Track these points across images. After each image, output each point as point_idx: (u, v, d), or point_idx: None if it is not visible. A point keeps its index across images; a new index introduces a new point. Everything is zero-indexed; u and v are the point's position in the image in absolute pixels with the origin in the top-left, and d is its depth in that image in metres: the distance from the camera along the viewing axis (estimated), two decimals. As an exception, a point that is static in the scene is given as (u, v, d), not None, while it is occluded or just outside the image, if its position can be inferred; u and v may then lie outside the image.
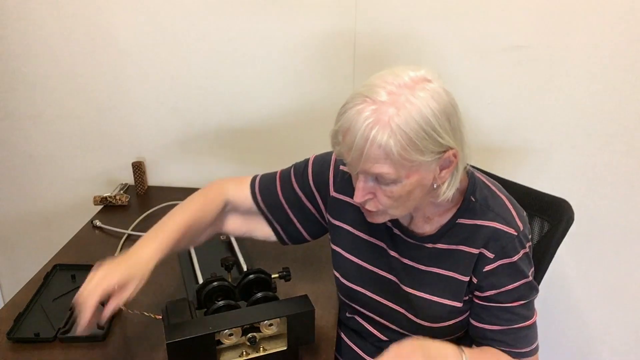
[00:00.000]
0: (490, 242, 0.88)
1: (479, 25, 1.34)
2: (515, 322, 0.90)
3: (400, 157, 0.76)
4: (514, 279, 0.88)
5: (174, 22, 1.45)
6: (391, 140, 0.75)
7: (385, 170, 0.78)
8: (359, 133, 0.76)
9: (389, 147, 0.75)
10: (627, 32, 1.29)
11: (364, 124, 0.76)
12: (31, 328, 1.01)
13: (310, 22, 1.40)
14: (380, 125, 0.75)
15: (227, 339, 0.88)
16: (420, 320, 0.95)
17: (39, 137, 1.64)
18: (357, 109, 0.77)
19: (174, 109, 1.56)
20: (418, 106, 0.76)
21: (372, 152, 0.76)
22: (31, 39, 1.51)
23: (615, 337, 1.63)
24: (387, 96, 0.76)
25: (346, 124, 0.78)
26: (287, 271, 1.05)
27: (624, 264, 1.53)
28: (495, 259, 0.88)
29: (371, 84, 0.79)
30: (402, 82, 0.78)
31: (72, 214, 1.71)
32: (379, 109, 0.76)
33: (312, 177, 1.05)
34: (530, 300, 0.91)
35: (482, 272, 0.89)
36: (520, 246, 0.88)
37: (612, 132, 1.39)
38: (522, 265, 0.88)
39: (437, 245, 0.93)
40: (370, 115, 0.76)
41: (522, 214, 0.91)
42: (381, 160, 0.77)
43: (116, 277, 0.84)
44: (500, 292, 0.89)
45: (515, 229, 0.88)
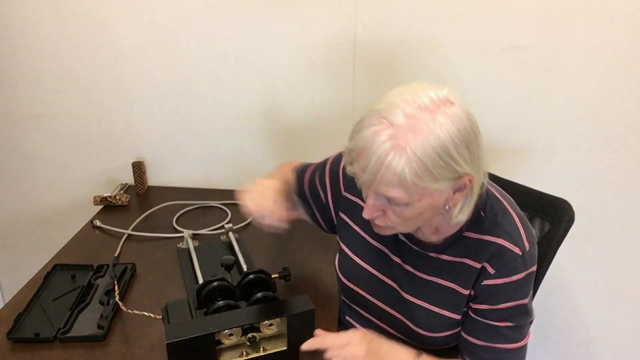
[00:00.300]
0: (493, 258, 0.87)
1: (479, 25, 1.34)
2: (498, 341, 0.89)
3: (414, 184, 0.74)
4: (508, 299, 0.87)
5: (174, 23, 1.45)
6: (407, 168, 0.73)
7: (397, 194, 0.76)
8: (374, 157, 0.74)
9: (404, 175, 0.73)
10: (627, 32, 1.29)
11: (379, 148, 0.73)
12: (31, 328, 1.01)
13: (310, 23, 1.40)
14: (397, 151, 0.72)
15: (227, 339, 0.88)
16: (417, 328, 0.95)
17: (39, 137, 1.64)
18: (373, 129, 0.74)
19: (174, 109, 1.56)
20: (437, 133, 0.73)
21: (386, 177, 0.74)
22: (31, 39, 1.51)
23: (615, 337, 1.63)
24: (405, 119, 0.73)
25: (361, 144, 0.76)
26: (287, 271, 1.05)
27: (624, 264, 1.53)
28: (495, 275, 0.86)
29: (389, 103, 0.75)
30: (422, 104, 0.74)
31: (72, 214, 1.71)
32: (396, 133, 0.73)
33: (329, 174, 1.07)
34: (520, 324, 0.89)
35: (480, 285, 0.88)
36: (523, 267, 0.86)
37: (613, 132, 1.39)
38: (521, 287, 0.87)
39: (441, 256, 0.92)
40: (387, 140, 0.73)
41: (532, 234, 0.89)
42: (394, 185, 0.75)
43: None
44: (491, 308, 0.88)
45: (521, 248, 0.86)
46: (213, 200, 1.54)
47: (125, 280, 1.15)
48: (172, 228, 1.40)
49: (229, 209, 1.49)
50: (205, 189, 1.62)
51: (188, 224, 1.42)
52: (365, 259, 1.01)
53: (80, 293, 1.11)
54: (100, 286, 1.14)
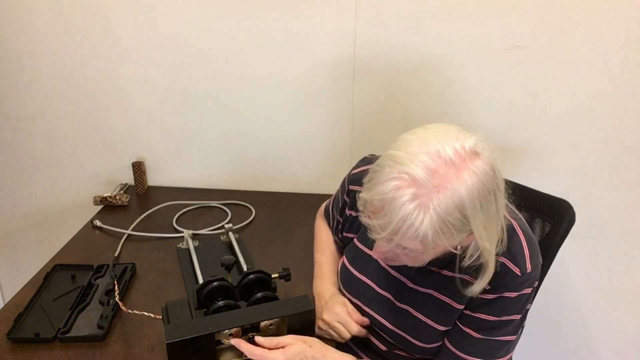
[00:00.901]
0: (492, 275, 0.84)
1: (479, 25, 1.34)
2: (464, 351, 0.88)
3: (434, 243, 0.72)
4: (491, 312, 0.86)
5: (173, 23, 1.45)
6: (429, 230, 0.70)
7: (415, 247, 0.73)
8: (397, 217, 0.70)
9: (426, 235, 0.70)
10: (627, 31, 1.29)
11: (402, 209, 0.69)
12: (31, 328, 1.01)
13: (310, 22, 1.40)
14: (420, 212, 0.69)
15: (227, 339, 0.88)
16: (412, 339, 0.95)
17: (39, 137, 1.64)
18: (393, 185, 0.70)
19: (174, 109, 1.56)
20: (461, 193, 0.69)
21: (407, 236, 0.71)
22: (31, 39, 1.51)
23: (615, 337, 1.63)
24: (429, 176, 0.69)
25: (379, 198, 0.72)
26: (287, 271, 1.05)
27: (624, 264, 1.53)
28: (489, 291, 0.85)
29: (411, 153, 0.71)
30: (448, 158, 0.70)
31: (72, 214, 1.71)
32: (419, 192, 0.69)
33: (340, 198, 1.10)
34: (491, 339, 0.87)
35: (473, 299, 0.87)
36: (517, 287, 0.84)
37: (613, 132, 1.39)
38: (508, 305, 0.85)
39: (442, 271, 0.91)
40: (410, 201, 0.69)
41: (537, 256, 0.86)
42: (412, 240, 0.72)
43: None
44: (472, 315, 0.87)
45: (522, 270, 0.83)
46: (213, 200, 1.54)
47: (125, 280, 1.15)
48: (172, 228, 1.40)
49: (229, 209, 1.49)
50: (205, 189, 1.62)
51: (188, 224, 1.42)
52: (363, 271, 1.02)
53: (80, 293, 1.11)
54: (100, 286, 1.14)
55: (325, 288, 1.06)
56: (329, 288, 1.06)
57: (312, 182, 1.58)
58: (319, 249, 1.15)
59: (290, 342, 0.88)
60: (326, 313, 0.99)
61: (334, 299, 1.02)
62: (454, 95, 1.42)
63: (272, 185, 1.62)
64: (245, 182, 1.63)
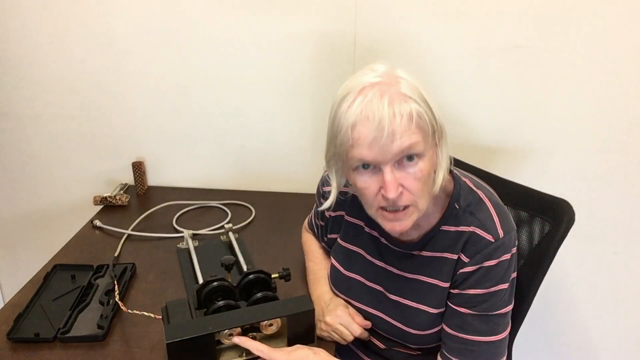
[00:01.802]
0: (466, 246, 0.87)
1: (479, 25, 1.34)
2: (463, 331, 0.89)
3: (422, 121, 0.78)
4: (477, 285, 0.87)
5: (173, 22, 1.45)
6: (414, 106, 0.77)
7: (416, 139, 0.78)
8: (384, 113, 0.75)
9: (416, 112, 0.77)
10: (626, 32, 1.29)
11: (383, 103, 0.76)
12: (31, 328, 1.01)
13: (310, 22, 1.40)
14: (397, 98, 0.76)
15: (227, 339, 0.88)
16: (407, 328, 0.96)
17: (39, 137, 1.64)
18: (359, 99, 0.77)
19: (174, 109, 1.56)
20: (408, 79, 0.79)
21: (403, 125, 0.76)
22: (31, 39, 1.51)
23: (615, 337, 1.63)
24: (379, 78, 0.79)
25: (359, 116, 0.77)
26: (287, 271, 1.05)
27: (624, 264, 1.53)
28: (469, 263, 0.87)
29: (353, 84, 0.80)
30: (381, 71, 0.81)
31: (72, 214, 1.71)
32: (382, 87, 0.77)
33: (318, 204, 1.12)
34: (489, 314, 0.88)
35: (456, 275, 0.89)
36: (495, 254, 0.85)
37: (612, 132, 1.39)
38: (491, 274, 0.86)
39: (422, 252, 0.93)
40: (383, 94, 0.76)
41: (508, 221, 0.88)
42: (411, 130, 0.77)
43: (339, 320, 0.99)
44: (460, 293, 0.88)
45: (494, 236, 0.85)
46: (213, 200, 1.54)
47: (125, 280, 1.15)
48: (172, 228, 1.40)
49: (229, 209, 1.49)
50: (205, 189, 1.63)
51: (188, 224, 1.42)
52: (349, 267, 1.03)
53: (80, 293, 1.11)
54: (100, 286, 1.14)
55: (324, 291, 1.07)
56: (327, 291, 1.07)
57: (312, 182, 1.58)
58: (311, 258, 1.16)
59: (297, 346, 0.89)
60: (328, 315, 0.99)
61: (336, 301, 1.03)
62: (453, 95, 1.42)
63: (272, 185, 1.62)
64: (245, 182, 1.63)
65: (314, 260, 1.15)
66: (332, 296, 1.05)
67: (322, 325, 0.99)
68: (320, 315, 1.01)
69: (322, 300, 1.04)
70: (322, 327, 0.99)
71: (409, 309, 0.95)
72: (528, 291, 1.04)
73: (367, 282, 1.01)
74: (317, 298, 1.06)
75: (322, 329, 0.99)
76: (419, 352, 1.02)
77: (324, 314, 1.00)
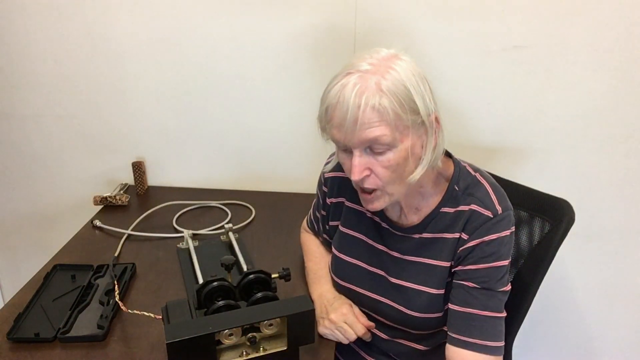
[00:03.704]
0: (466, 224, 0.90)
1: (479, 25, 1.34)
2: (469, 306, 0.89)
3: (395, 116, 0.79)
4: (479, 260, 0.89)
5: (173, 22, 1.45)
6: (383, 100, 0.78)
7: (381, 132, 0.79)
8: (350, 102, 0.79)
9: (383, 106, 0.78)
10: (626, 32, 1.29)
11: (353, 92, 0.79)
12: (31, 328, 1.01)
13: (310, 21, 1.40)
14: (369, 90, 0.78)
15: (227, 339, 0.88)
16: (410, 311, 0.96)
17: (39, 137, 1.64)
18: (341, 83, 0.81)
19: (174, 109, 1.56)
20: (399, 71, 0.80)
21: (366, 116, 0.79)
22: (31, 39, 1.51)
23: (615, 337, 1.63)
24: (369, 66, 0.80)
25: (334, 99, 0.81)
26: (287, 271, 1.05)
27: (624, 264, 1.53)
28: (469, 239, 0.89)
29: (350, 63, 0.83)
30: (380, 57, 0.83)
31: (72, 214, 1.71)
32: (364, 76, 0.80)
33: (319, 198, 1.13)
34: (493, 290, 0.89)
35: (457, 252, 0.91)
36: (495, 229, 0.88)
37: (612, 132, 1.39)
38: (493, 249, 0.88)
39: (422, 235, 0.95)
40: (357, 82, 0.79)
41: (505, 199, 0.91)
42: (376, 123, 0.79)
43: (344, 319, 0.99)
44: (464, 269, 0.90)
45: (493, 212, 0.89)
46: (213, 200, 1.54)
47: (125, 280, 1.15)
48: (172, 228, 1.40)
49: (229, 209, 1.49)
50: (205, 189, 1.63)
51: (188, 224, 1.42)
52: (351, 253, 1.04)
53: (80, 293, 1.11)
54: (100, 286, 1.14)
55: (326, 290, 1.07)
56: (330, 290, 1.07)
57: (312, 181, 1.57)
58: (310, 258, 1.17)
59: None
60: (333, 313, 0.99)
61: (340, 300, 1.03)
62: (453, 94, 1.42)
63: (272, 185, 1.62)
64: (245, 182, 1.63)
65: (313, 260, 1.15)
66: (336, 295, 1.06)
67: (325, 322, 0.99)
68: (324, 312, 1.01)
69: (325, 299, 1.04)
70: (325, 324, 0.99)
71: (410, 291, 0.96)
72: (528, 291, 1.04)
73: (369, 267, 1.02)
74: (318, 297, 1.06)
75: (326, 326, 0.99)
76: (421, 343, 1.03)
77: (328, 311, 1.00)
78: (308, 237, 1.22)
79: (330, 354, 0.98)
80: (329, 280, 1.10)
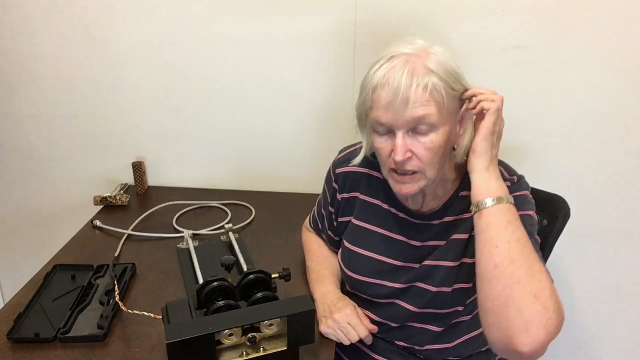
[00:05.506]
0: None
1: (479, 25, 1.34)
2: None
3: (442, 96, 0.83)
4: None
5: (173, 22, 1.45)
6: (434, 79, 0.82)
7: (430, 111, 0.83)
8: (402, 81, 0.81)
9: (433, 86, 0.82)
10: (626, 32, 1.29)
11: (403, 72, 0.82)
12: (31, 328, 1.01)
13: (310, 20, 1.40)
14: (419, 70, 0.82)
15: (227, 339, 0.88)
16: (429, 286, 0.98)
17: (39, 137, 1.64)
18: (387, 65, 0.84)
19: (174, 109, 1.56)
20: (440, 54, 0.86)
21: (417, 95, 0.82)
22: (31, 39, 1.51)
23: (615, 336, 1.63)
24: (412, 50, 0.85)
25: (382, 80, 0.84)
26: (287, 271, 1.05)
27: (623, 263, 1.53)
28: None
29: (388, 50, 0.87)
30: (418, 44, 0.87)
31: (72, 214, 1.71)
32: (410, 59, 0.83)
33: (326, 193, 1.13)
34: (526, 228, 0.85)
35: None
36: (517, 190, 0.92)
37: (612, 132, 1.39)
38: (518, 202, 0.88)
39: (443, 219, 0.98)
40: (406, 64, 0.83)
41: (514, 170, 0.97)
42: (426, 102, 0.82)
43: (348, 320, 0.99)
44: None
45: (510, 180, 0.93)
46: (213, 200, 1.54)
47: (125, 280, 1.15)
48: (172, 228, 1.40)
49: (229, 209, 1.49)
50: (205, 189, 1.63)
51: (188, 224, 1.42)
52: (366, 246, 1.05)
53: (80, 293, 1.11)
54: (100, 286, 1.14)
55: (329, 290, 1.07)
56: (333, 290, 1.07)
57: (312, 181, 1.58)
58: (312, 257, 1.17)
59: None
60: (337, 313, 0.99)
61: (345, 301, 1.04)
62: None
63: (272, 185, 1.62)
64: (245, 182, 1.63)
65: (315, 260, 1.15)
66: (340, 295, 1.06)
67: (328, 321, 0.99)
68: (327, 312, 1.01)
69: (328, 299, 1.04)
70: (328, 323, 0.99)
71: (435, 269, 0.98)
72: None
73: (386, 258, 1.03)
74: (321, 296, 1.06)
75: (329, 325, 0.99)
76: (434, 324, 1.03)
77: (332, 311, 1.00)
78: (310, 237, 1.22)
79: (330, 354, 0.98)
80: (332, 281, 1.10)
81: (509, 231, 0.81)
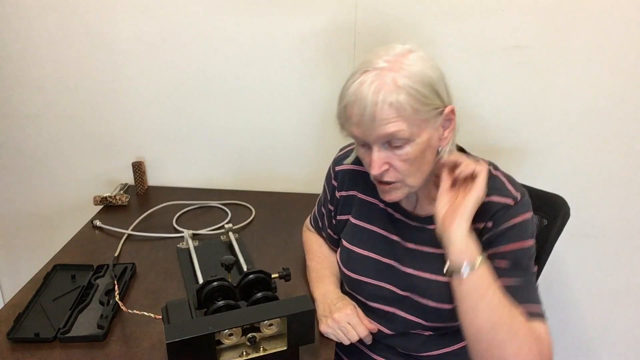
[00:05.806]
0: (489, 214, 0.90)
1: (479, 25, 1.34)
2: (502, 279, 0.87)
3: (412, 111, 0.81)
4: (508, 242, 0.89)
5: (173, 22, 1.45)
6: (400, 96, 0.80)
7: (399, 127, 0.82)
8: (368, 99, 0.81)
9: (399, 102, 0.80)
10: (626, 32, 1.29)
11: (370, 90, 0.81)
12: (31, 328, 1.01)
13: (310, 20, 1.40)
14: (386, 87, 0.80)
15: (227, 339, 0.88)
16: (427, 300, 0.97)
17: (39, 137, 1.64)
18: (359, 80, 0.83)
19: (174, 109, 1.56)
20: (415, 66, 0.83)
21: (383, 113, 0.81)
22: (31, 39, 1.51)
23: (615, 337, 1.63)
24: (385, 63, 0.83)
25: (352, 97, 0.83)
26: (287, 271, 1.05)
27: (623, 263, 1.53)
28: (494, 226, 0.89)
29: (366, 60, 0.85)
30: (395, 52, 0.85)
31: (72, 214, 1.71)
32: (380, 74, 0.82)
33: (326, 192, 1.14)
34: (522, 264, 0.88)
35: (482, 241, 0.90)
36: (517, 213, 0.89)
37: (612, 132, 1.39)
38: (518, 230, 0.89)
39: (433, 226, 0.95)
40: (374, 81, 0.81)
41: (520, 187, 0.93)
42: (393, 119, 0.81)
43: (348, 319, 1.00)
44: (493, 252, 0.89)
45: (513, 198, 0.90)
46: (213, 200, 1.54)
47: (125, 280, 1.15)
48: (172, 228, 1.40)
49: (229, 209, 1.49)
50: (205, 189, 1.63)
51: (188, 224, 1.42)
52: (363, 246, 1.04)
53: (80, 293, 1.11)
54: (100, 286, 1.14)
55: (330, 290, 1.07)
56: (333, 289, 1.07)
57: (312, 181, 1.58)
58: (312, 257, 1.17)
59: None
60: (337, 312, 0.99)
61: (345, 300, 1.03)
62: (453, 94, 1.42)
63: (272, 185, 1.62)
64: (245, 182, 1.63)
65: (315, 260, 1.15)
66: (340, 295, 1.06)
67: (328, 321, 0.99)
68: (327, 311, 1.01)
69: (329, 298, 1.04)
70: (328, 322, 0.99)
71: (423, 280, 0.97)
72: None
73: (382, 257, 1.02)
74: (321, 295, 1.06)
75: (329, 325, 0.99)
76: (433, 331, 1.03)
77: (332, 310, 1.00)
78: (311, 236, 1.22)
79: (330, 354, 0.98)
80: (332, 281, 1.10)
81: (487, 299, 0.82)
